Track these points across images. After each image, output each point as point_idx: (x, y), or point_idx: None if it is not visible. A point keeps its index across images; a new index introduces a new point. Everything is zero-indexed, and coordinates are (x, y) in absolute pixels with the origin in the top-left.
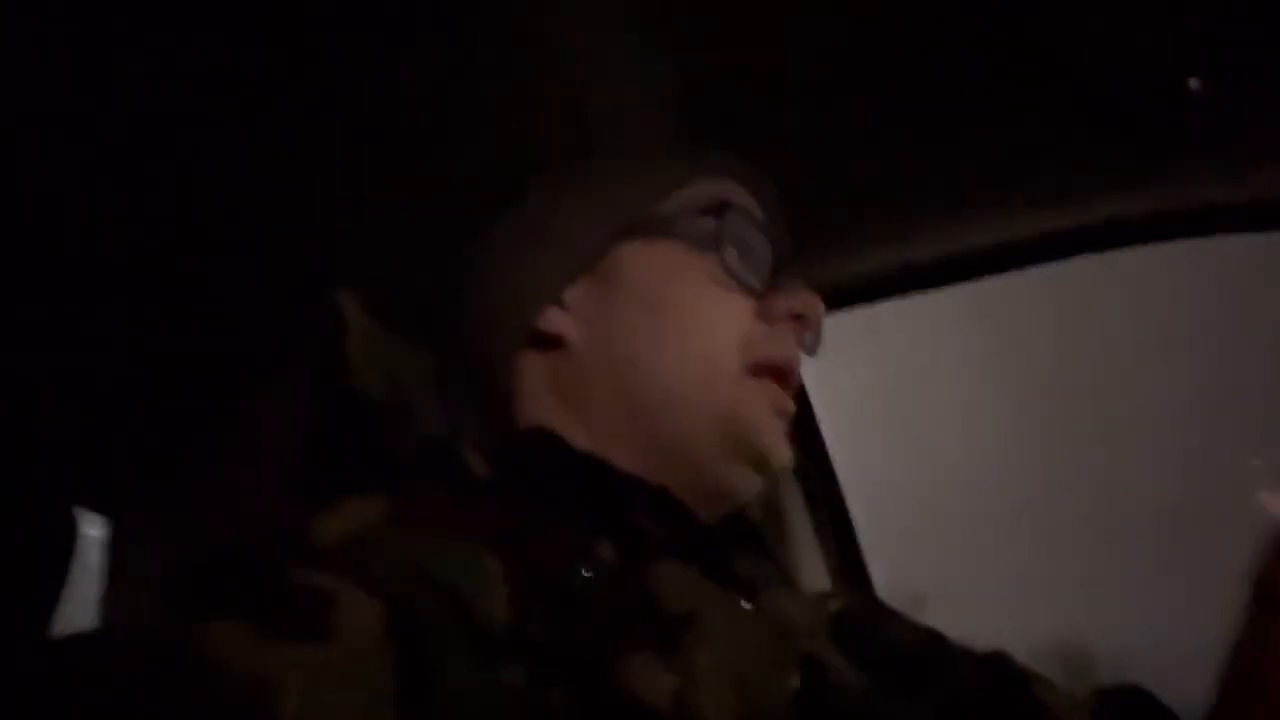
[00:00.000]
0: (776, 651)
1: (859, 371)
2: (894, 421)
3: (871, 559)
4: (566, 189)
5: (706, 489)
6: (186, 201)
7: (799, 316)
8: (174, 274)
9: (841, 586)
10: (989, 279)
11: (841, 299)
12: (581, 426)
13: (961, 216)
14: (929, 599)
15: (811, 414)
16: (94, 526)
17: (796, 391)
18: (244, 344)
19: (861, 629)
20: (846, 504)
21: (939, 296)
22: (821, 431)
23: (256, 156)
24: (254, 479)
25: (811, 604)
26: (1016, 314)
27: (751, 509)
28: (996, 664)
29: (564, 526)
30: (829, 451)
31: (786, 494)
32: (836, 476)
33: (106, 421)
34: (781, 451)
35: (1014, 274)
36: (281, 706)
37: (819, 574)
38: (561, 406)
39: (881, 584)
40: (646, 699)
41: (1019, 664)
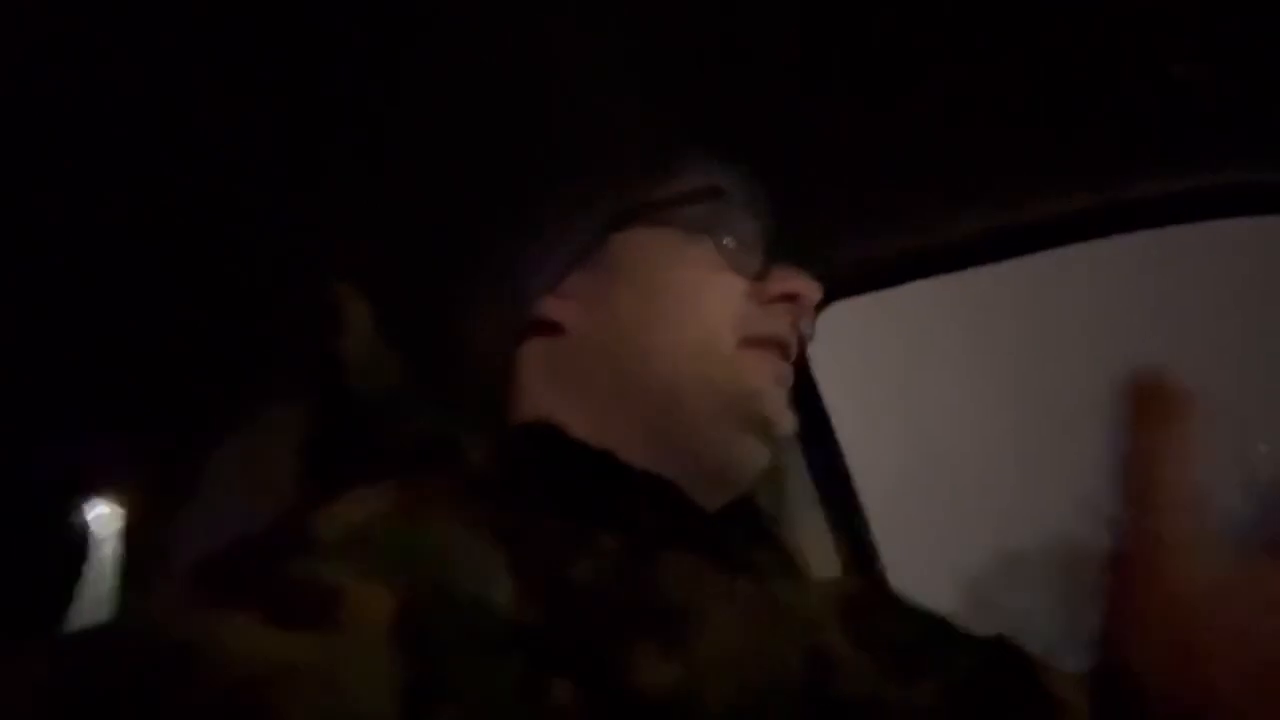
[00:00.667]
0: (783, 642)
1: (867, 358)
2: (903, 407)
3: (882, 544)
4: (559, 179)
5: (713, 466)
6: (187, 198)
7: (792, 296)
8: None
9: (852, 573)
10: (992, 266)
11: (847, 287)
12: (583, 416)
13: (964, 203)
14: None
15: (819, 400)
16: (109, 519)
17: (799, 373)
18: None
19: (870, 617)
20: (856, 491)
21: (946, 283)
22: (830, 419)
23: (254, 150)
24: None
25: (819, 593)
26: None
27: (759, 497)
28: (1004, 650)
29: (566, 518)
30: (837, 438)
31: (794, 481)
32: (846, 463)
33: (122, 412)
34: (784, 417)
35: (1016, 261)
36: (288, 697)
37: (829, 561)
38: (562, 396)
39: (892, 570)
40: (649, 690)
41: (1026, 650)
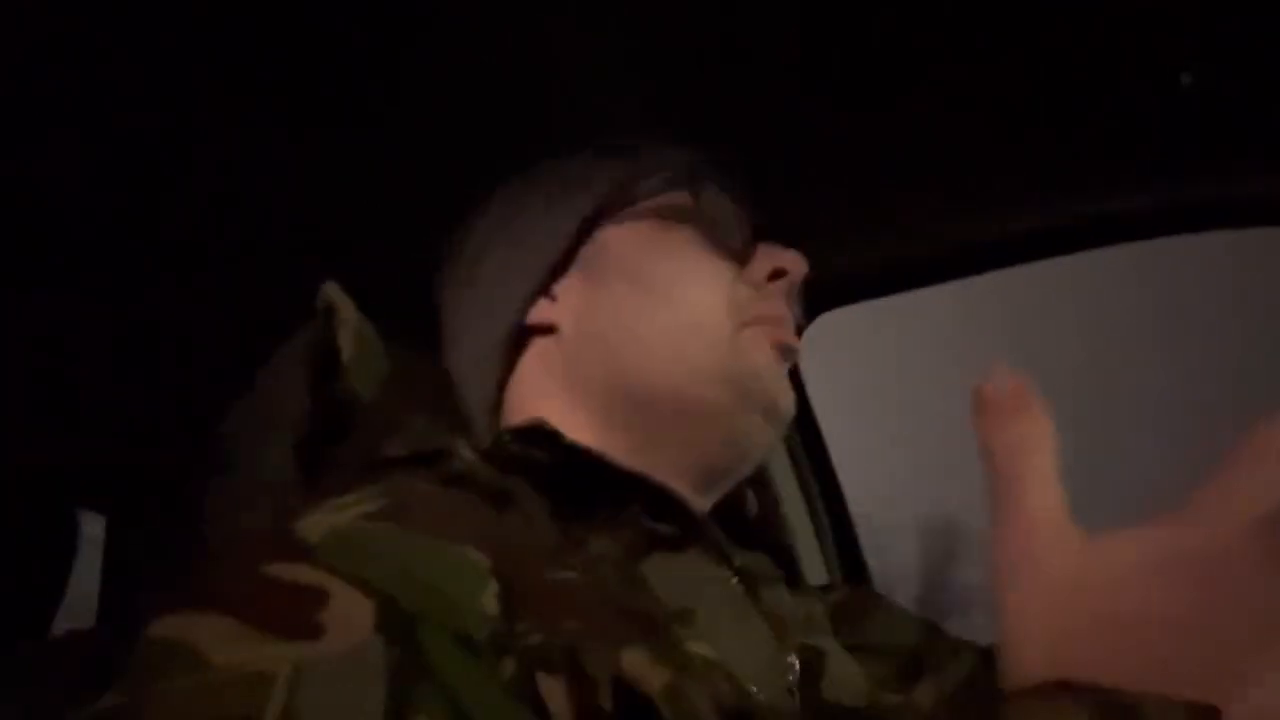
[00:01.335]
0: (774, 645)
1: (857, 366)
2: (892, 415)
3: (869, 552)
4: (543, 177)
5: (717, 453)
6: (187, 202)
7: (781, 272)
8: (174, 269)
9: (840, 580)
10: (988, 274)
11: (842, 295)
12: (578, 417)
13: (961, 211)
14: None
15: (809, 408)
16: (94, 526)
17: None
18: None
19: (860, 622)
20: (844, 498)
21: (939, 291)
22: (819, 426)
23: (248, 153)
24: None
25: (810, 597)
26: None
27: (750, 505)
28: (994, 657)
29: (556, 519)
30: (826, 445)
31: (784, 487)
32: (834, 470)
33: (106, 421)
34: (786, 394)
35: (1013, 269)
36: (269, 703)
37: (817, 568)
38: (557, 398)
39: (879, 576)
40: (640, 693)
41: None
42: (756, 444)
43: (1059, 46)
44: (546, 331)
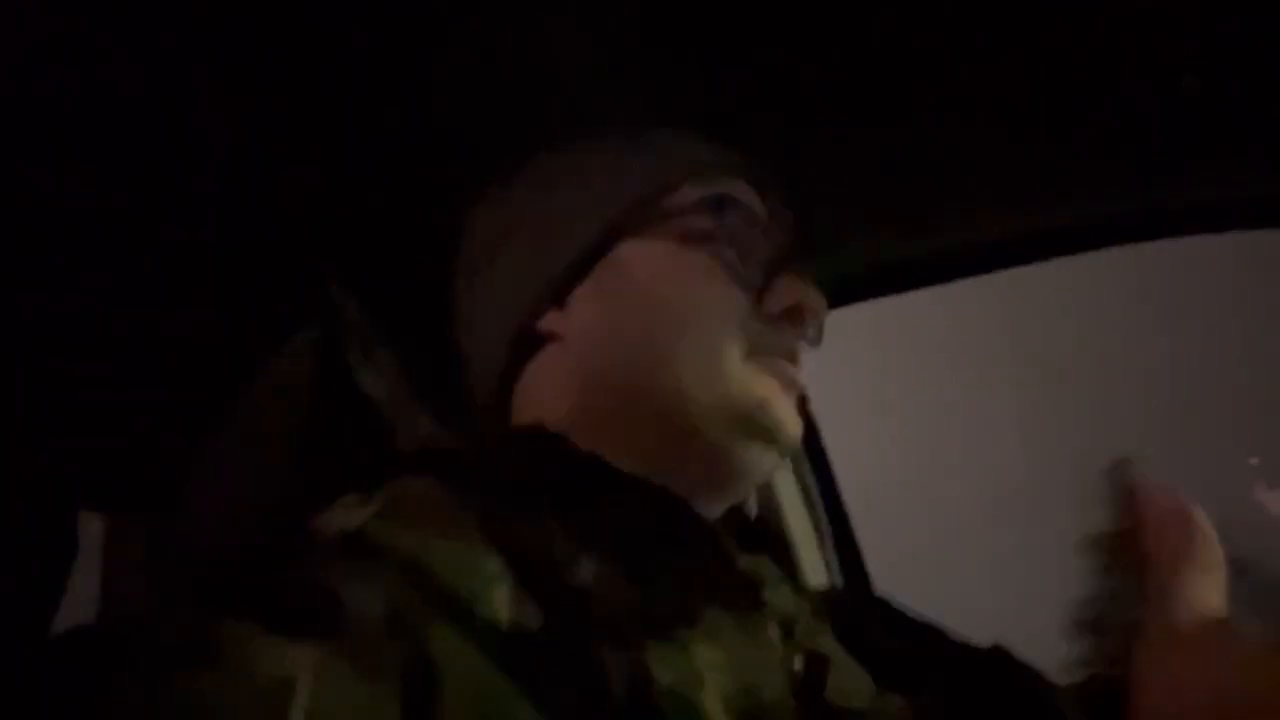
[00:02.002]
0: (777, 647)
1: (857, 366)
2: (891, 417)
3: (869, 554)
4: (562, 186)
5: (719, 475)
6: (187, 202)
7: (798, 308)
8: (174, 269)
9: (841, 582)
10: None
11: (842, 295)
12: (584, 426)
13: (962, 211)
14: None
15: (808, 410)
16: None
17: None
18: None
19: (862, 624)
20: (844, 500)
21: (939, 291)
22: (819, 428)
23: (248, 153)
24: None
25: (812, 600)
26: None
27: (751, 507)
28: (997, 659)
29: (564, 524)
30: (826, 448)
31: (784, 491)
32: (834, 472)
33: (106, 420)
34: (793, 423)
35: (1016, 269)
36: (291, 704)
37: (818, 570)
38: (563, 407)
39: (880, 579)
40: (646, 695)
41: (1020, 659)
42: (757, 470)
43: (1059, 46)
44: (555, 340)
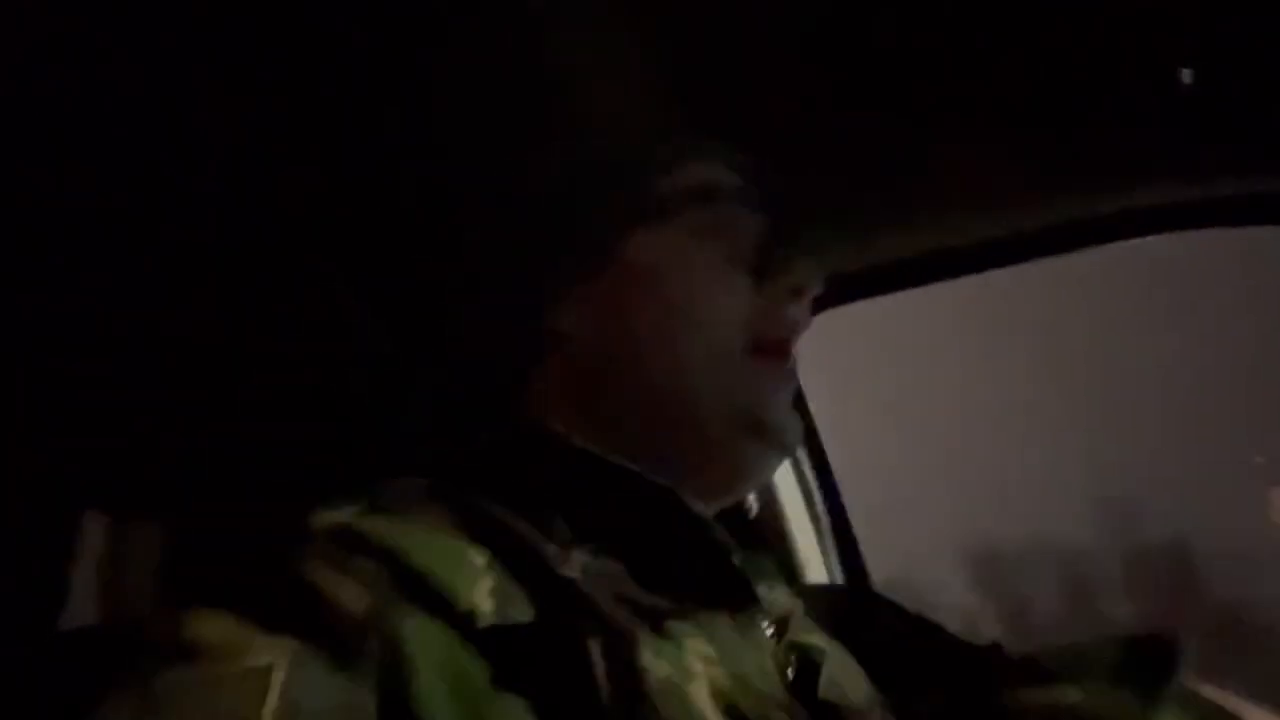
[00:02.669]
0: (770, 643)
1: (857, 365)
2: (891, 415)
3: (868, 551)
4: (564, 184)
5: (720, 472)
6: (187, 202)
7: (798, 290)
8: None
9: (838, 579)
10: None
11: (842, 295)
12: (588, 423)
13: (962, 211)
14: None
15: (805, 406)
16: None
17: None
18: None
19: (858, 620)
20: (841, 496)
21: (936, 290)
22: (816, 424)
23: (248, 153)
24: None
25: (808, 596)
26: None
27: (748, 503)
28: (993, 657)
29: (556, 519)
30: (824, 444)
31: (782, 487)
32: (831, 468)
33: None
34: (794, 426)
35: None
36: (267, 698)
37: (816, 567)
38: (568, 404)
39: (877, 576)
40: (638, 689)
41: (1016, 656)
42: (761, 471)
43: (1059, 46)
44: (559, 336)
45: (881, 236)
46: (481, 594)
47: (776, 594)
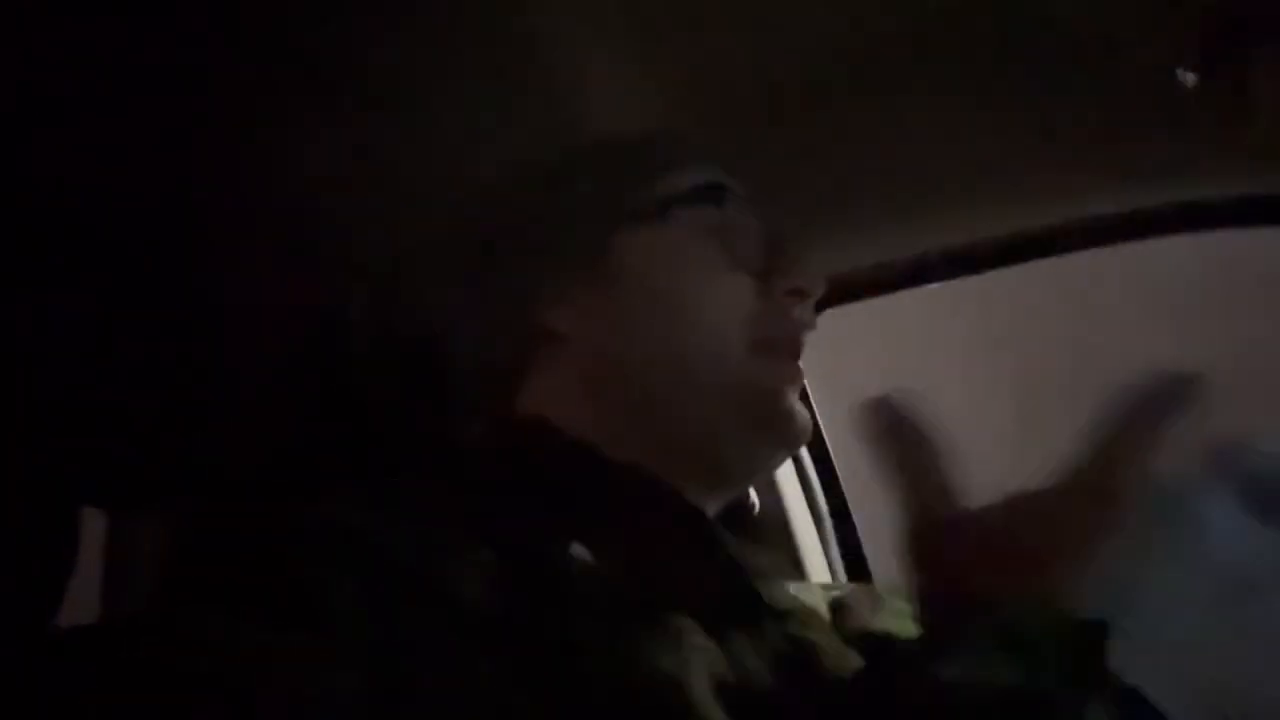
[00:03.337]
0: (773, 639)
1: (857, 365)
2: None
3: (871, 549)
4: (561, 182)
5: (724, 470)
6: (188, 202)
7: (799, 290)
8: (175, 268)
9: (842, 577)
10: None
11: (842, 295)
12: (589, 421)
13: (961, 211)
14: None
15: (810, 406)
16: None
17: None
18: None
19: (862, 618)
20: (845, 495)
21: (938, 290)
22: (820, 424)
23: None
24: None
25: (811, 594)
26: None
27: (754, 501)
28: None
29: (556, 514)
30: (827, 442)
31: (785, 484)
32: (835, 467)
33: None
34: (801, 419)
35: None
36: (265, 693)
37: (819, 565)
38: (570, 402)
39: (880, 574)
40: (638, 684)
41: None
42: (765, 465)
43: (1059, 46)
44: (556, 336)
45: (879, 238)
46: (477, 585)
47: (776, 589)
